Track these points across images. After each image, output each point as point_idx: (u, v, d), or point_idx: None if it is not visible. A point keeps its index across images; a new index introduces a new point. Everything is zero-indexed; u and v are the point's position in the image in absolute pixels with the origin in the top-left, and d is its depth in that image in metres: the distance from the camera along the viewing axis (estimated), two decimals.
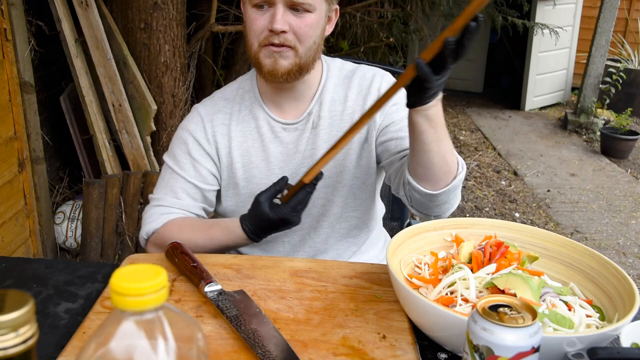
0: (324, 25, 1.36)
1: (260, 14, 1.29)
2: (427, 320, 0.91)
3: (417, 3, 4.47)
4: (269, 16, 1.28)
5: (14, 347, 0.50)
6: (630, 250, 3.65)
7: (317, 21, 1.32)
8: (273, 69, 1.31)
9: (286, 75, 1.32)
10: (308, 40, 1.31)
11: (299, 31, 1.29)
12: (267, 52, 1.30)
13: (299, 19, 1.29)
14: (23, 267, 1.17)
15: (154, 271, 0.55)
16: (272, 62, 1.30)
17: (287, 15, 1.28)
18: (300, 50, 1.31)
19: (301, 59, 1.32)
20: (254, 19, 1.30)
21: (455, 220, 1.16)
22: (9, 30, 2.56)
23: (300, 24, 1.29)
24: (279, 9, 1.27)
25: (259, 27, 1.29)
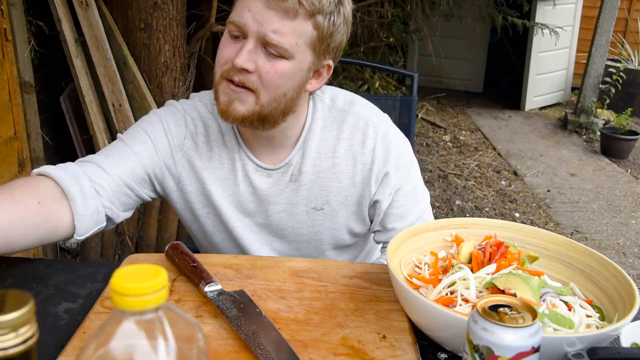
0: (304, 79, 1.17)
1: (231, 43, 1.13)
2: (427, 320, 0.91)
3: (417, 3, 4.47)
4: (237, 48, 1.11)
5: (14, 347, 0.50)
6: (630, 250, 3.65)
7: (292, 71, 1.13)
8: (227, 109, 1.14)
9: (240, 121, 1.15)
10: (275, 90, 1.13)
11: (266, 76, 1.12)
12: (225, 88, 1.15)
13: (269, 62, 1.11)
14: (23, 267, 1.17)
15: (154, 271, 0.55)
16: (227, 102, 1.14)
17: (257, 54, 1.11)
18: (263, 98, 1.13)
19: (263, 108, 1.14)
20: (224, 45, 1.14)
21: (455, 220, 1.16)
22: (9, 30, 2.56)
23: (269, 68, 1.11)
24: (248, 43, 1.10)
25: (225, 57, 1.13)
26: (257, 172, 1.27)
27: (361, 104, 1.32)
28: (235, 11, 1.13)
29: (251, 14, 1.09)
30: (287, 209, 1.30)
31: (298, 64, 1.13)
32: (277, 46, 1.09)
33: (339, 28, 1.15)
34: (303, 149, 1.27)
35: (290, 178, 1.28)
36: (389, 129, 1.31)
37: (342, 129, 1.28)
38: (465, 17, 4.79)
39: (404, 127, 1.78)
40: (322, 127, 1.28)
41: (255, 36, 1.09)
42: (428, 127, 5.72)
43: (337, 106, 1.29)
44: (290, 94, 1.16)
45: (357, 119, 1.28)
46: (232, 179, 1.29)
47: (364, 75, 5.55)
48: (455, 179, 4.60)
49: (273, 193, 1.29)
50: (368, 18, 4.57)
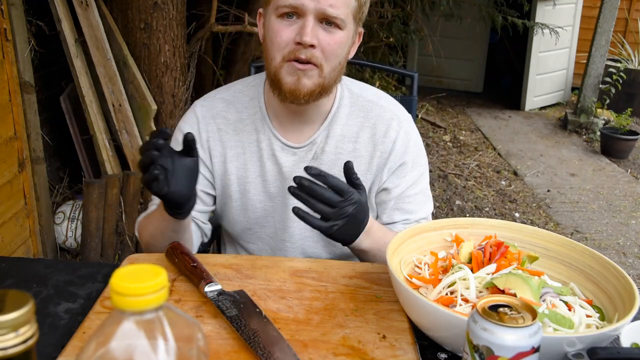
0: (350, 46, 1.27)
1: (287, 25, 1.18)
2: (427, 320, 0.91)
3: (417, 3, 4.47)
4: (297, 28, 1.17)
5: (14, 347, 0.50)
6: (630, 250, 3.65)
7: (345, 40, 1.22)
8: (295, 88, 1.20)
9: (308, 96, 1.21)
10: (334, 60, 1.21)
11: (328, 48, 1.19)
12: (290, 69, 1.20)
13: (329, 34, 1.19)
14: (23, 267, 1.17)
15: (154, 271, 0.55)
16: (295, 80, 1.20)
17: (317, 30, 1.17)
18: (326, 70, 1.21)
19: (325, 80, 1.22)
20: (279, 29, 1.19)
21: (455, 220, 1.16)
22: (9, 30, 2.56)
23: (329, 40, 1.19)
24: (309, 21, 1.16)
25: (285, 39, 1.18)
26: (283, 150, 1.33)
27: (389, 100, 1.40)
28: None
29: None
30: None
31: (348, 32, 1.22)
32: (336, 18, 1.17)
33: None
34: (328, 130, 1.33)
35: (313, 156, 1.33)
36: (412, 128, 1.38)
37: (367, 118, 1.34)
38: (465, 17, 4.79)
39: None
40: (348, 114, 1.34)
41: (314, 13, 1.16)
42: (428, 127, 5.72)
43: (365, 97, 1.37)
44: (343, 62, 1.26)
45: (383, 111, 1.35)
46: (258, 160, 1.34)
47: (364, 75, 5.55)
48: (455, 179, 4.60)
49: (297, 171, 1.32)
50: (368, 18, 4.57)
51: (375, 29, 4.81)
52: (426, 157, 1.41)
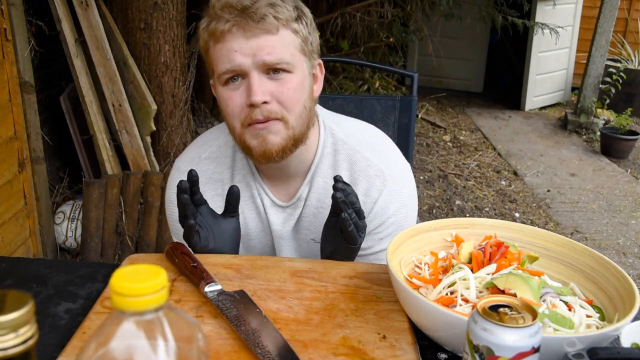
0: (310, 85, 1.19)
1: (234, 90, 1.13)
2: (427, 320, 0.91)
3: (417, 3, 4.47)
4: (244, 89, 1.11)
5: (14, 347, 0.50)
6: (630, 250, 3.65)
7: (301, 81, 1.14)
8: (264, 149, 1.13)
9: (281, 153, 1.15)
10: (296, 106, 1.13)
11: (283, 97, 1.11)
12: (252, 133, 1.13)
13: (280, 83, 1.11)
14: (23, 267, 1.17)
15: (154, 271, 0.55)
16: (261, 142, 1.13)
17: (265, 83, 1.11)
18: (291, 120, 1.13)
19: (294, 131, 1.15)
20: (228, 97, 1.13)
21: (455, 220, 1.16)
22: (9, 30, 2.56)
23: (282, 88, 1.11)
24: (253, 78, 1.10)
25: (237, 106, 1.13)
26: (272, 207, 1.30)
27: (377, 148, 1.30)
28: (220, 62, 1.13)
29: (239, 52, 1.10)
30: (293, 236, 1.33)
31: (301, 72, 1.15)
32: (279, 63, 1.10)
33: (310, 27, 1.18)
34: (311, 183, 1.28)
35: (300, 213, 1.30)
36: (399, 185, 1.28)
37: (352, 171, 1.26)
38: (465, 17, 4.79)
39: (404, 127, 1.78)
40: (331, 164, 1.27)
41: (255, 67, 1.10)
42: (428, 127, 5.72)
43: (351, 144, 1.27)
44: (308, 104, 1.17)
45: (367, 166, 1.26)
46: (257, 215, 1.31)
47: (364, 75, 5.55)
48: (455, 179, 4.60)
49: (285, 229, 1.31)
50: (368, 18, 4.57)
51: (375, 29, 4.81)
52: (415, 211, 1.33)
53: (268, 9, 1.09)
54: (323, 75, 1.25)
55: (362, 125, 1.36)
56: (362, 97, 1.82)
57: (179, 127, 3.25)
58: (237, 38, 1.10)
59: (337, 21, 4.27)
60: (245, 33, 1.09)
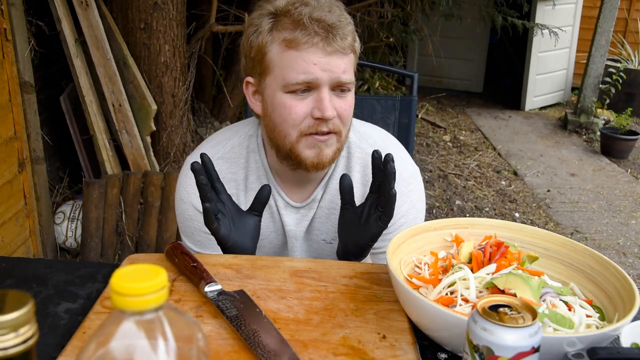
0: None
1: (299, 100, 1.15)
2: (427, 320, 0.91)
3: (417, 3, 4.47)
4: (311, 101, 1.14)
5: (14, 347, 0.50)
6: (630, 250, 3.65)
7: (353, 100, 1.20)
8: (318, 160, 1.17)
9: (329, 163, 1.20)
10: (349, 122, 1.20)
11: (345, 114, 1.17)
12: (309, 142, 1.16)
13: (343, 100, 1.16)
14: (23, 267, 1.17)
15: (154, 271, 0.55)
16: (317, 152, 1.17)
17: (333, 99, 1.15)
18: (343, 134, 1.19)
19: (342, 143, 1.21)
20: (292, 106, 1.15)
21: (455, 220, 1.16)
22: (9, 30, 2.56)
23: (344, 105, 1.17)
24: (325, 93, 1.13)
25: (301, 115, 1.15)
26: (286, 208, 1.31)
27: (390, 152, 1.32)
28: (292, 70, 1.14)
29: (318, 66, 1.13)
30: (305, 237, 1.34)
31: (353, 90, 1.20)
32: (349, 83, 1.16)
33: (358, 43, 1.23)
34: (326, 186, 1.31)
35: (314, 214, 1.32)
36: (410, 187, 1.32)
37: (363, 174, 1.30)
38: (465, 17, 4.79)
39: (404, 127, 1.78)
40: (345, 166, 1.31)
41: (329, 84, 1.14)
42: (428, 127, 5.72)
43: (364, 148, 1.31)
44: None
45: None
46: (270, 216, 1.33)
47: (364, 75, 5.55)
48: (455, 179, 4.60)
49: (299, 230, 1.33)
50: (368, 18, 4.57)
51: (375, 29, 4.81)
52: (424, 212, 1.37)
53: (348, 28, 1.16)
54: None
55: (374, 129, 1.39)
56: (362, 97, 1.82)
57: (179, 127, 3.25)
58: (318, 52, 1.13)
59: None
60: (327, 49, 1.12)
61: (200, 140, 3.57)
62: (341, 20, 1.15)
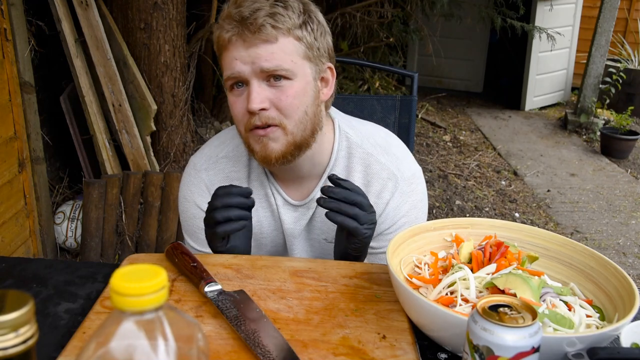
0: (315, 90, 1.20)
1: (237, 96, 1.16)
2: (427, 320, 0.91)
3: (417, 3, 4.47)
4: (245, 96, 1.15)
5: (14, 347, 0.51)
6: (630, 250, 3.65)
7: (302, 88, 1.16)
8: (265, 154, 1.17)
9: (281, 159, 1.18)
10: (295, 113, 1.15)
11: (281, 104, 1.14)
12: (254, 138, 1.17)
13: (279, 90, 1.14)
14: (23, 267, 1.17)
15: (154, 271, 0.55)
16: (262, 147, 1.17)
17: (264, 90, 1.13)
18: (289, 127, 1.16)
19: (294, 136, 1.17)
20: (233, 102, 1.18)
21: (455, 220, 1.16)
22: (9, 30, 2.56)
23: (281, 96, 1.14)
24: (252, 85, 1.13)
25: (240, 111, 1.16)
26: (285, 206, 1.31)
27: (391, 152, 1.32)
28: (225, 69, 1.17)
29: (239, 60, 1.13)
30: (305, 236, 1.34)
31: (303, 78, 1.16)
32: (277, 70, 1.13)
33: (319, 32, 1.19)
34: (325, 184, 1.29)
35: (313, 213, 1.32)
36: (412, 187, 1.31)
37: (365, 173, 1.29)
38: (465, 17, 4.79)
39: (404, 127, 1.78)
40: (346, 166, 1.30)
41: (254, 75, 1.13)
42: (428, 127, 5.72)
43: (365, 148, 1.30)
44: (310, 110, 1.19)
45: (380, 169, 1.29)
46: (271, 215, 1.33)
47: (364, 75, 5.55)
48: (455, 179, 4.60)
49: (297, 228, 1.33)
50: (368, 18, 4.57)
51: (375, 29, 4.81)
52: (426, 213, 1.36)
53: (267, 19, 1.12)
54: (334, 78, 1.26)
55: (376, 129, 1.39)
56: (362, 97, 1.81)
57: (179, 127, 3.25)
58: (238, 47, 1.13)
59: (337, 21, 4.28)
60: (244, 43, 1.13)
61: (200, 140, 3.57)
62: (258, 10, 1.12)
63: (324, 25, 1.21)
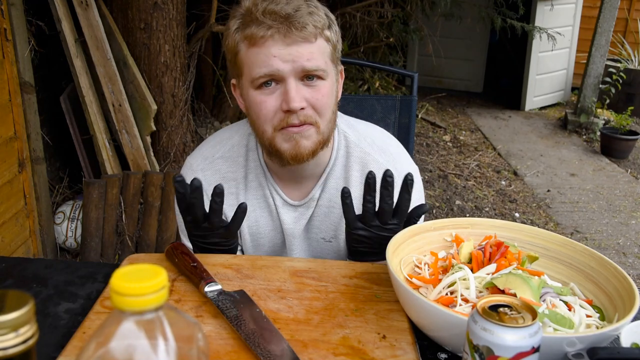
0: (337, 91, 1.23)
1: (267, 95, 1.15)
2: (427, 320, 0.91)
3: (417, 3, 4.47)
4: (279, 94, 1.14)
5: (14, 347, 0.51)
6: (630, 250, 3.65)
7: (331, 88, 1.18)
8: (296, 153, 1.16)
9: (311, 156, 1.18)
10: (327, 112, 1.17)
11: (318, 104, 1.15)
12: (285, 136, 1.16)
13: (315, 90, 1.15)
14: (23, 267, 1.17)
15: (154, 271, 0.55)
16: (293, 145, 1.16)
17: (301, 89, 1.14)
18: (322, 125, 1.17)
19: (324, 135, 1.19)
20: (262, 101, 1.15)
21: (455, 220, 1.16)
22: (9, 30, 2.56)
23: (317, 95, 1.14)
24: (290, 84, 1.12)
25: (271, 110, 1.15)
26: (284, 206, 1.31)
27: (388, 150, 1.32)
28: (255, 66, 1.14)
29: (278, 57, 1.12)
30: (304, 235, 1.34)
31: (331, 78, 1.19)
32: (316, 70, 1.13)
33: (338, 34, 1.22)
34: (324, 184, 1.31)
35: (312, 213, 1.32)
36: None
37: (362, 172, 1.29)
38: (465, 17, 4.79)
39: (404, 127, 1.78)
40: (344, 166, 1.31)
41: (293, 74, 1.13)
42: (428, 127, 5.72)
43: (363, 147, 1.31)
44: (335, 110, 1.22)
45: (378, 168, 1.28)
46: (269, 215, 1.33)
47: (364, 75, 5.55)
48: (455, 179, 4.60)
49: (297, 228, 1.33)
50: (368, 18, 4.57)
51: (375, 29, 4.81)
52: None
53: (308, 17, 1.13)
54: (342, 80, 1.28)
55: (373, 128, 1.39)
56: (362, 97, 1.81)
57: (179, 127, 3.25)
58: (277, 44, 1.12)
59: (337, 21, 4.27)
60: (286, 40, 1.12)
61: (200, 140, 3.57)
62: (299, 9, 1.12)
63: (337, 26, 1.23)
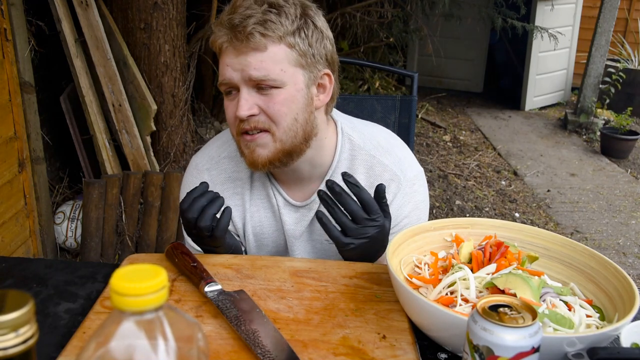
0: (307, 97, 1.18)
1: (230, 101, 1.19)
2: (427, 321, 0.91)
3: (417, 3, 4.47)
4: (236, 102, 1.16)
5: (14, 347, 0.50)
6: (630, 250, 3.65)
7: (291, 96, 1.15)
8: (252, 160, 1.18)
9: (268, 165, 1.19)
10: (285, 119, 1.16)
11: (270, 111, 1.15)
12: (243, 143, 1.19)
13: (268, 97, 1.14)
14: (23, 267, 1.17)
15: (154, 271, 0.55)
16: (250, 152, 1.18)
17: (253, 97, 1.15)
18: (278, 133, 1.16)
19: (283, 143, 1.17)
20: (226, 107, 1.20)
21: (455, 220, 1.16)
22: (9, 30, 2.56)
23: (269, 103, 1.14)
24: (242, 92, 1.14)
25: (231, 116, 1.19)
26: (286, 207, 1.32)
27: (393, 153, 1.32)
28: (220, 75, 1.20)
29: (230, 67, 1.15)
30: (307, 237, 1.34)
31: (293, 86, 1.16)
32: (265, 79, 1.13)
33: (315, 38, 1.18)
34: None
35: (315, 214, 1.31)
36: (414, 188, 1.32)
37: (368, 175, 1.29)
38: (465, 17, 4.79)
39: (404, 127, 1.78)
40: (348, 168, 1.30)
41: (243, 82, 1.14)
42: (428, 127, 5.72)
43: (368, 150, 1.31)
44: (302, 117, 1.18)
45: (383, 170, 1.29)
46: (272, 215, 1.34)
47: (364, 75, 5.55)
48: (455, 179, 4.60)
49: (298, 229, 1.33)
50: (368, 18, 4.57)
51: (375, 29, 4.81)
52: (427, 213, 1.37)
53: (256, 27, 1.12)
54: (333, 84, 1.24)
55: (378, 130, 1.39)
56: (362, 97, 1.82)
57: (179, 127, 3.25)
58: (229, 54, 1.15)
59: (337, 21, 4.28)
60: (235, 50, 1.14)
61: (200, 140, 3.57)
62: (250, 17, 1.11)
63: (322, 30, 1.20)
